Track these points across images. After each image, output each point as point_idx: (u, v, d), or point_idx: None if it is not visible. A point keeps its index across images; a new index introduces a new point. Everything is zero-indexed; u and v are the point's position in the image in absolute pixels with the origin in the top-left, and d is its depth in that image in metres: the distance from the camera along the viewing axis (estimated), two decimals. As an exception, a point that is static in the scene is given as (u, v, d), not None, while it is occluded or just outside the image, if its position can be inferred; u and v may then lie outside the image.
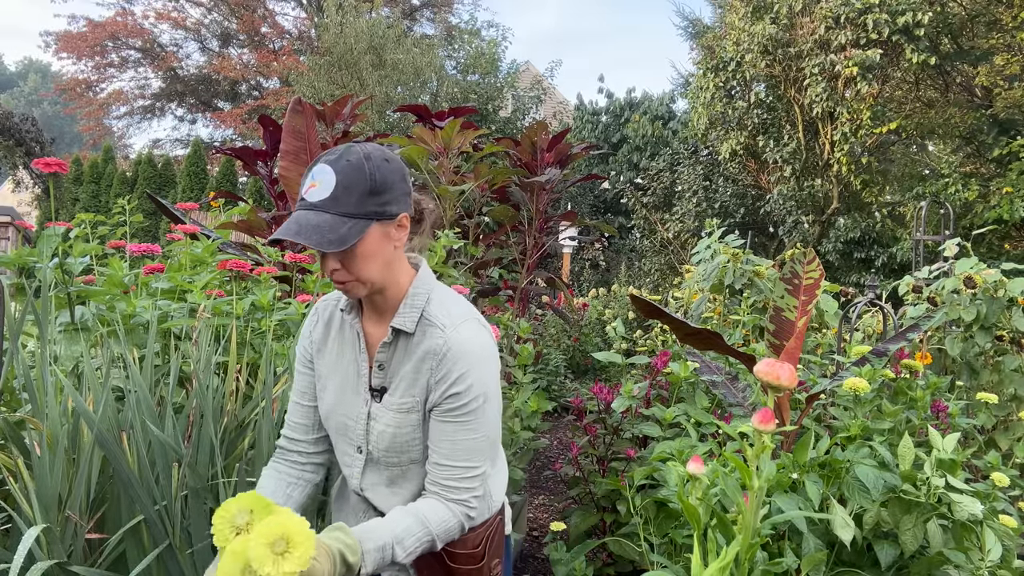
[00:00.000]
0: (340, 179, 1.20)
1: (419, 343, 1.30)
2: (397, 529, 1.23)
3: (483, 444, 1.31)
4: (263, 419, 1.74)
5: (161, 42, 25.86)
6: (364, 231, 1.21)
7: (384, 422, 1.33)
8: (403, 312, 1.31)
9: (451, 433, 1.29)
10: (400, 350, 1.33)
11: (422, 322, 1.31)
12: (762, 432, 1.34)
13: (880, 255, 10.23)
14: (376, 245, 1.24)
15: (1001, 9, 9.43)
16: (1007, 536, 1.89)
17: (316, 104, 4.46)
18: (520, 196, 5.10)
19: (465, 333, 1.29)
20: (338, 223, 1.19)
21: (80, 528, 1.62)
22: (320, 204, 1.20)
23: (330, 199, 1.19)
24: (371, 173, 1.21)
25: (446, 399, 1.28)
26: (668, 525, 2.17)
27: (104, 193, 16.02)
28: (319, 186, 1.20)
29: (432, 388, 1.29)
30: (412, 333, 1.31)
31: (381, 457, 1.36)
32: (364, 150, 1.24)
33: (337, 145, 4.40)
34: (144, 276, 2.38)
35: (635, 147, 16.24)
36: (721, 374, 2.78)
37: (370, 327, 1.38)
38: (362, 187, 1.20)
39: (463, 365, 1.27)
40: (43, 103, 48.83)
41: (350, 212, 1.20)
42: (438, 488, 1.30)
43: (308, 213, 1.20)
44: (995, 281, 3.41)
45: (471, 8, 35.84)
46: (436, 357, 1.28)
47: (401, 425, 1.32)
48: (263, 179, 4.42)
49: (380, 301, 1.34)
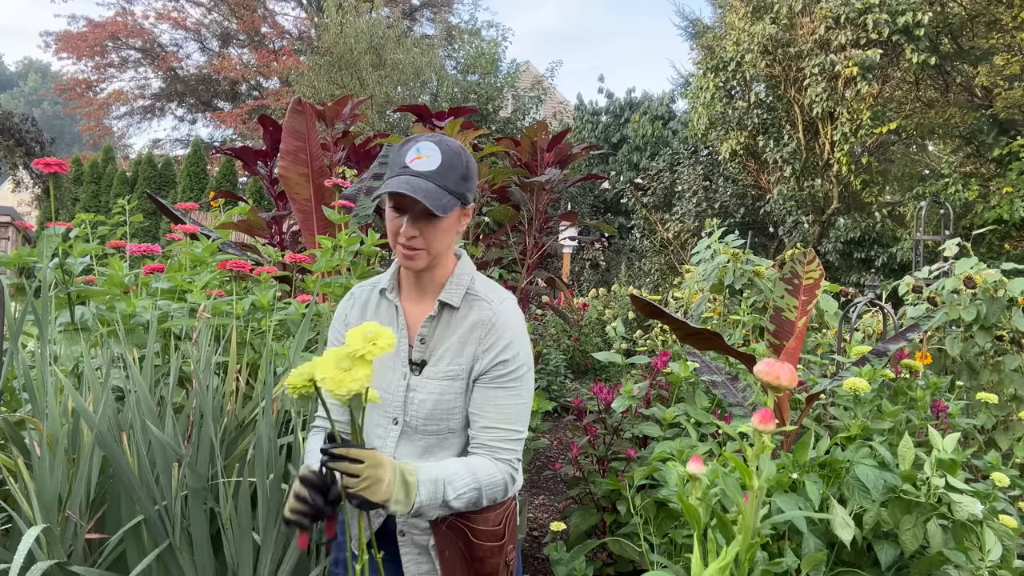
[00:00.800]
0: (445, 158, 1.35)
1: (465, 316, 1.42)
2: (448, 471, 1.30)
3: (525, 409, 1.42)
4: (263, 419, 1.74)
5: (161, 42, 25.87)
6: (454, 208, 1.35)
7: (427, 391, 1.41)
8: (449, 289, 1.43)
9: (499, 398, 1.39)
10: (443, 324, 1.43)
11: (467, 297, 1.43)
12: (762, 432, 1.34)
13: (880, 255, 10.22)
14: (453, 223, 1.40)
15: (1001, 9, 9.43)
16: (1007, 536, 1.89)
17: (316, 104, 4.45)
18: (520, 196, 5.10)
19: (509, 307, 1.43)
20: (441, 194, 1.33)
21: (80, 528, 1.62)
22: (427, 174, 1.33)
23: (436, 172, 1.33)
24: (466, 161, 1.38)
25: (494, 366, 1.39)
26: (668, 525, 2.17)
27: (104, 193, 16.03)
28: (426, 159, 1.34)
29: (479, 357, 1.40)
30: (457, 308, 1.43)
31: (419, 426, 1.42)
32: (455, 142, 1.40)
33: (337, 144, 4.40)
34: (144, 276, 2.38)
35: (635, 147, 16.23)
36: (721, 374, 2.78)
37: (409, 306, 1.48)
38: (460, 170, 1.36)
39: (509, 335, 1.39)
40: (43, 103, 48.82)
41: (449, 188, 1.34)
42: (484, 449, 1.39)
43: (418, 179, 1.33)
44: (995, 281, 3.41)
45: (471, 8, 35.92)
46: (484, 327, 1.40)
47: (445, 392, 1.40)
48: (263, 179, 4.42)
49: (427, 279, 1.45)
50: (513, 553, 1.49)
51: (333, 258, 2.56)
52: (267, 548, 1.71)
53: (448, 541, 1.40)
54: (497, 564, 1.44)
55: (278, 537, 1.72)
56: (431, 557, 1.41)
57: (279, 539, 1.72)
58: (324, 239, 2.61)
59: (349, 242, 2.62)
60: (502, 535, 1.44)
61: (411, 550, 1.42)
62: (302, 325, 2.15)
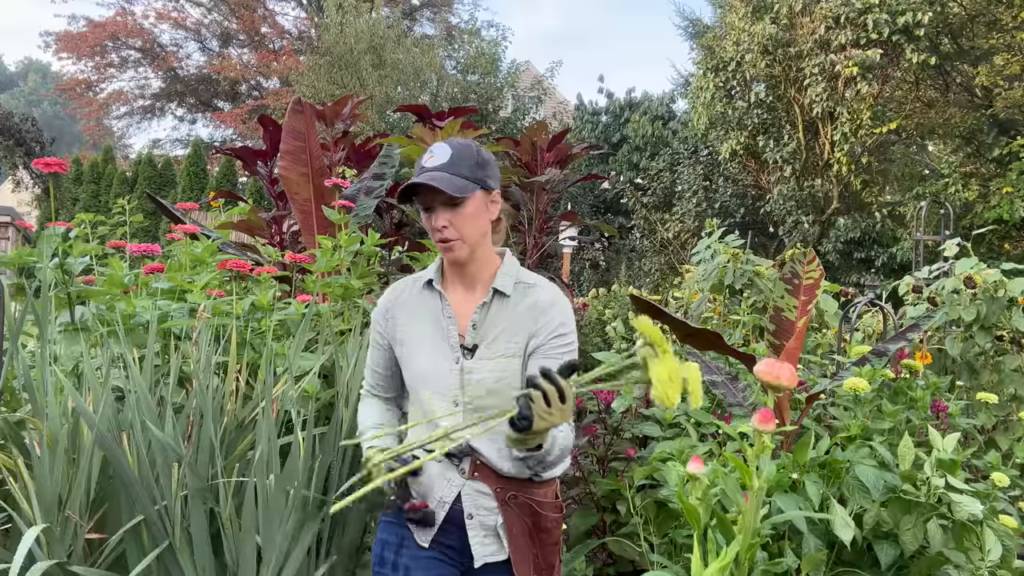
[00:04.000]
0: (454, 151, 1.50)
1: (519, 301, 1.56)
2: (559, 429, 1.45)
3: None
4: (263, 419, 1.74)
5: (161, 42, 25.85)
6: (473, 191, 1.49)
7: (486, 370, 1.53)
8: (500, 279, 1.57)
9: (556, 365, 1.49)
10: (495, 310, 1.56)
11: (518, 286, 1.58)
12: (762, 432, 1.34)
13: (880, 255, 10.23)
14: (479, 208, 1.51)
15: (1001, 9, 9.43)
16: (1007, 536, 1.89)
17: (316, 104, 4.45)
18: (520, 196, 5.09)
19: (558, 292, 1.59)
20: (456, 179, 1.47)
21: (80, 528, 1.62)
22: (439, 167, 1.48)
23: (447, 163, 1.48)
24: (477, 150, 1.52)
25: (552, 339, 1.53)
26: (668, 525, 2.17)
27: (104, 193, 16.01)
28: (436, 156, 1.49)
29: (536, 334, 1.53)
30: (509, 295, 1.56)
31: (480, 405, 1.52)
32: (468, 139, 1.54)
33: (337, 144, 4.40)
34: (144, 276, 2.38)
35: (635, 147, 16.22)
36: (721, 374, 2.78)
37: (456, 296, 1.60)
38: (471, 159, 1.50)
39: (562, 315, 1.55)
40: (43, 103, 48.80)
41: (464, 174, 1.48)
42: None
43: (430, 172, 1.47)
44: (995, 281, 3.41)
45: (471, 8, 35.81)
46: (540, 308, 1.54)
47: (505, 369, 1.53)
48: (263, 179, 4.41)
49: (474, 270, 1.57)
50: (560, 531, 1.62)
51: (333, 258, 2.56)
52: (268, 548, 1.71)
53: (515, 517, 1.52)
54: (559, 536, 1.59)
55: (280, 538, 1.72)
56: (498, 536, 1.52)
57: (281, 540, 1.72)
58: (324, 239, 2.61)
59: (349, 242, 2.62)
60: (562, 507, 1.61)
61: (478, 532, 1.52)
62: (302, 325, 2.15)
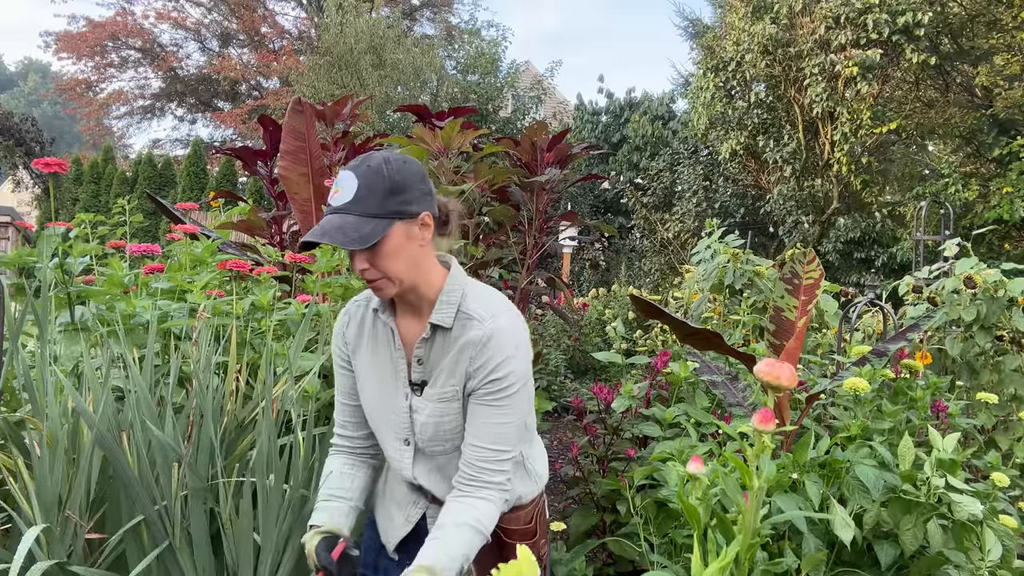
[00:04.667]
0: (361, 182, 1.27)
1: (458, 337, 1.36)
2: (462, 548, 1.30)
3: (517, 428, 1.37)
4: (263, 419, 1.74)
5: (161, 42, 25.85)
6: (387, 229, 1.27)
7: (427, 413, 1.39)
8: (440, 308, 1.36)
9: (488, 416, 1.35)
10: (438, 344, 1.38)
11: (459, 316, 1.36)
12: (762, 432, 1.34)
13: (880, 255, 10.22)
14: (400, 243, 1.30)
15: (1001, 9, 9.43)
16: (1007, 536, 1.89)
17: (316, 104, 4.45)
18: (520, 196, 5.09)
19: (503, 322, 1.35)
20: (362, 223, 1.26)
21: (80, 528, 1.62)
22: (343, 207, 1.27)
23: (353, 201, 1.27)
24: (390, 175, 1.28)
25: (485, 384, 1.34)
26: (668, 525, 2.17)
27: (104, 193, 16.01)
28: (342, 191, 1.28)
29: (471, 375, 1.35)
30: (450, 328, 1.36)
31: (426, 447, 1.42)
32: (383, 155, 1.31)
33: (337, 144, 4.40)
34: (144, 276, 2.38)
35: (635, 147, 16.22)
36: (721, 374, 2.78)
37: (405, 324, 1.43)
38: (382, 187, 1.28)
39: (502, 353, 1.33)
40: (43, 103, 48.77)
41: (372, 212, 1.27)
42: (469, 468, 1.36)
43: (333, 216, 1.28)
44: (995, 281, 3.41)
45: (471, 8, 35.89)
46: (476, 347, 1.33)
47: (444, 414, 1.38)
48: (263, 179, 4.41)
49: (414, 299, 1.39)
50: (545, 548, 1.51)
51: (333, 258, 2.56)
52: (267, 548, 1.71)
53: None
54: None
55: (278, 537, 1.72)
56: None
57: (279, 539, 1.72)
58: (324, 239, 2.61)
59: (349, 242, 2.62)
60: (534, 532, 1.47)
61: None
62: (302, 325, 2.15)
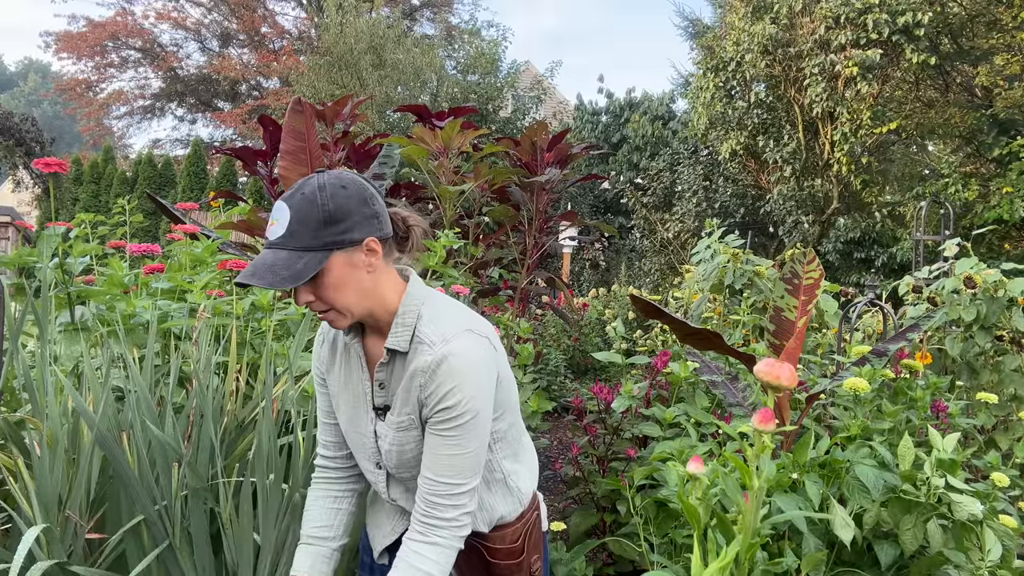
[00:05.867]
0: (294, 214, 1.20)
1: (411, 361, 1.28)
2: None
3: (470, 461, 1.28)
4: (263, 419, 1.74)
5: (161, 42, 25.86)
6: (323, 262, 1.20)
7: (389, 440, 1.34)
8: (395, 332, 1.29)
9: (438, 447, 1.27)
10: (397, 369, 1.32)
11: (414, 340, 1.28)
12: (762, 432, 1.34)
13: (880, 255, 10.22)
14: (343, 273, 1.22)
15: (1001, 9, 9.43)
16: (1007, 536, 1.89)
17: (316, 104, 4.46)
18: (520, 196, 5.10)
19: (455, 347, 1.25)
20: (294, 259, 1.18)
21: (80, 528, 1.62)
22: (277, 242, 1.20)
23: (285, 235, 1.19)
24: (323, 204, 1.20)
25: (436, 413, 1.26)
26: (668, 525, 2.17)
27: (104, 193, 16.02)
28: (276, 224, 1.21)
29: (424, 403, 1.28)
30: (406, 352, 1.29)
31: (395, 472, 1.37)
32: (320, 180, 1.23)
33: (337, 144, 4.40)
34: (144, 276, 2.38)
35: (635, 147, 16.23)
36: (721, 374, 2.78)
37: (371, 346, 1.36)
38: (315, 218, 1.19)
39: (451, 381, 1.24)
40: (43, 103, 48.78)
41: (307, 245, 1.19)
42: (425, 505, 1.29)
43: (267, 252, 1.21)
44: (995, 281, 3.40)
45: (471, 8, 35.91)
46: (425, 373, 1.25)
47: (404, 443, 1.32)
48: (263, 179, 4.42)
49: (373, 323, 1.32)
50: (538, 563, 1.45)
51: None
52: (267, 548, 1.71)
53: (464, 557, 1.35)
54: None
55: (278, 537, 1.72)
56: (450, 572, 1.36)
57: (278, 539, 1.73)
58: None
59: (349, 242, 2.62)
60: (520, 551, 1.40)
61: None
62: (302, 325, 2.15)
